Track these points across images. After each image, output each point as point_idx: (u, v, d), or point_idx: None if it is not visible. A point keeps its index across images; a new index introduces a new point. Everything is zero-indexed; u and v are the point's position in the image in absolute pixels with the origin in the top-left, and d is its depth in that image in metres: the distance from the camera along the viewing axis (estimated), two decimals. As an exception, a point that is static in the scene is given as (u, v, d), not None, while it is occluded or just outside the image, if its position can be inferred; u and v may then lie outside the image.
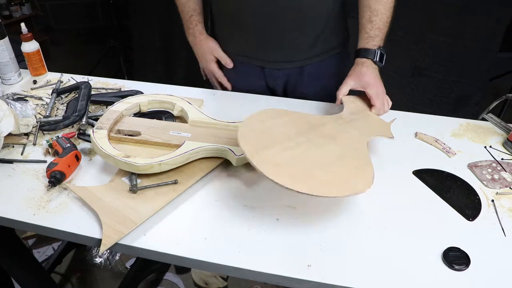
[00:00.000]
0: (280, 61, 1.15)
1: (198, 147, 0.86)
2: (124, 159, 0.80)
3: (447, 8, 1.90)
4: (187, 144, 0.86)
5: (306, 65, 1.15)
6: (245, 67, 1.18)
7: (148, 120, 0.96)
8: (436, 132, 1.01)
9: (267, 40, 1.10)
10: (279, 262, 0.69)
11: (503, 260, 0.70)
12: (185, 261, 0.71)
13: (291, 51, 1.13)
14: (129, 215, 0.75)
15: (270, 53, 1.13)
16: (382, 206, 0.81)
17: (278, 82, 1.20)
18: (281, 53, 1.13)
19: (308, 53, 1.14)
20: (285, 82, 1.20)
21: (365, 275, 0.68)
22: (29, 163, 0.90)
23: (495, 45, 1.95)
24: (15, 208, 0.79)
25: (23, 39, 1.20)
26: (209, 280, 1.64)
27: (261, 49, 1.13)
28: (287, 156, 0.76)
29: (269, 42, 1.11)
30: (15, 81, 1.22)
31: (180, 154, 0.83)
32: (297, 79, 1.18)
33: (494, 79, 2.38)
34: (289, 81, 1.19)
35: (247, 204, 0.80)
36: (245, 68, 1.18)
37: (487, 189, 0.85)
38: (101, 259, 1.74)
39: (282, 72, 1.17)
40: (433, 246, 0.72)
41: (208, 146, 0.87)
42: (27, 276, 1.28)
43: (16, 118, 0.94)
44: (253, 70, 1.18)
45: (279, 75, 1.18)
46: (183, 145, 0.86)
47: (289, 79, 1.19)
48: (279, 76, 1.18)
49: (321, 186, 0.71)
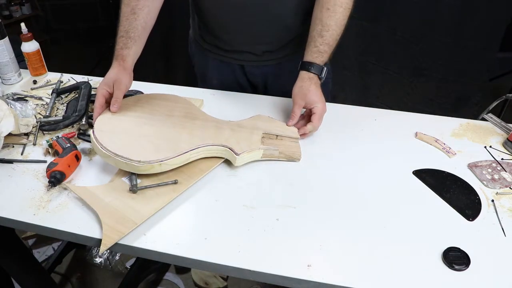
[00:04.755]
0: (256, 60, 1.17)
1: (199, 147, 0.86)
2: (124, 159, 0.80)
3: (447, 8, 1.90)
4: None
5: (284, 62, 1.17)
6: (226, 65, 1.20)
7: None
8: (436, 132, 1.01)
9: (243, 38, 1.12)
10: (279, 262, 0.69)
11: (503, 260, 0.70)
12: (185, 261, 0.71)
13: (266, 49, 1.14)
14: (129, 215, 0.75)
15: (247, 51, 1.15)
16: (382, 206, 0.81)
17: (258, 79, 1.22)
18: (257, 51, 1.14)
19: (285, 50, 1.15)
20: (264, 79, 1.22)
21: (365, 275, 0.68)
22: (29, 163, 0.90)
23: (495, 45, 1.95)
24: (15, 208, 0.79)
25: (23, 39, 1.20)
26: (209, 280, 1.64)
27: (237, 48, 1.15)
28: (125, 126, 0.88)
29: (244, 41, 1.12)
30: (15, 81, 1.22)
31: (181, 153, 0.83)
32: (276, 76, 1.21)
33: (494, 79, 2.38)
34: (268, 78, 1.22)
35: (247, 204, 0.80)
36: (226, 66, 1.20)
37: (487, 189, 0.85)
38: (101, 259, 1.74)
39: (260, 70, 1.20)
40: (433, 246, 0.72)
41: (208, 146, 0.87)
42: (27, 276, 1.28)
43: (16, 118, 0.94)
44: (234, 68, 1.20)
45: (258, 73, 1.21)
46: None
47: (268, 76, 1.22)
48: (258, 73, 1.21)
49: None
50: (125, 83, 0.94)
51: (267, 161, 0.91)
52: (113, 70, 0.96)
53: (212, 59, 1.21)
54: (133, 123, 0.91)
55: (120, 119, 0.92)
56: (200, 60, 1.27)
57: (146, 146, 0.84)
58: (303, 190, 0.84)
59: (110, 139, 0.84)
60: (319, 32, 0.97)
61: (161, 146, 0.85)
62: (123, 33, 0.97)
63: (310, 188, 0.85)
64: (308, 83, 0.97)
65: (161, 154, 0.82)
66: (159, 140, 0.87)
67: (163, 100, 1.01)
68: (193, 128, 0.92)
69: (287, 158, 0.91)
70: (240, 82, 1.24)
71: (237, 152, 0.86)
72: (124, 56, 0.96)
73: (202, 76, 1.29)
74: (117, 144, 0.83)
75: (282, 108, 1.09)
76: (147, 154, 0.81)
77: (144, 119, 0.93)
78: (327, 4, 0.97)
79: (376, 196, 0.83)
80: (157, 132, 0.89)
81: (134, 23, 0.96)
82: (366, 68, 2.22)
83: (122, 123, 0.91)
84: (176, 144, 0.86)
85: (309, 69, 0.98)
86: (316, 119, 0.96)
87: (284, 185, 0.85)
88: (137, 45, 0.98)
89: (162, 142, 0.86)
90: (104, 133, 0.86)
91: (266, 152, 0.90)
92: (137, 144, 0.85)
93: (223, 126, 0.95)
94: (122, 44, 0.96)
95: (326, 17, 0.97)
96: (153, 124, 0.92)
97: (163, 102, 1.00)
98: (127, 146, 0.83)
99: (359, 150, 0.96)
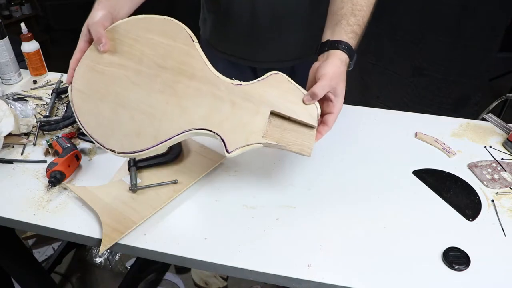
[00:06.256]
0: (269, 61, 1.15)
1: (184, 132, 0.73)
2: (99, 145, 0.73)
3: (447, 8, 1.90)
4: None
5: (297, 65, 1.16)
6: (237, 67, 1.19)
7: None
8: (436, 132, 1.01)
9: (256, 40, 1.10)
10: (279, 262, 0.69)
11: (503, 260, 0.70)
12: (185, 261, 0.71)
13: (280, 52, 1.13)
14: (129, 215, 0.75)
15: (259, 53, 1.14)
16: (382, 206, 0.81)
17: None
18: (270, 53, 1.13)
19: (298, 53, 1.14)
20: None
21: (365, 275, 0.68)
22: (29, 163, 0.90)
23: (495, 45, 1.95)
24: (15, 208, 0.79)
25: (23, 39, 1.20)
26: (209, 280, 1.64)
27: (250, 50, 1.13)
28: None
29: (257, 43, 1.11)
30: (15, 81, 1.22)
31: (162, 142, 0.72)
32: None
33: (494, 79, 2.39)
34: None
35: (247, 204, 0.80)
36: (237, 68, 1.19)
37: (487, 189, 0.85)
38: (101, 259, 1.74)
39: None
40: (433, 246, 0.72)
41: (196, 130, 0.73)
42: (27, 276, 1.28)
43: (16, 118, 0.94)
44: (244, 69, 1.19)
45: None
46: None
47: None
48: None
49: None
50: (99, 17, 0.76)
51: (267, 161, 0.91)
52: (93, 11, 0.78)
53: (221, 59, 1.19)
54: (116, 80, 0.75)
55: (102, 71, 0.75)
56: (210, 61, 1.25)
57: (127, 126, 0.73)
58: (303, 190, 0.84)
59: (88, 108, 0.73)
60: (351, 11, 0.79)
61: (142, 126, 0.73)
62: None
63: (310, 188, 0.85)
64: (344, 68, 0.75)
65: (141, 139, 0.72)
66: (142, 115, 0.73)
67: (157, 35, 0.77)
68: (185, 95, 0.74)
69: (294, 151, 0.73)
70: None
71: (229, 149, 0.71)
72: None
73: None
74: (95, 118, 0.73)
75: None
76: (125, 139, 0.72)
77: (130, 71, 0.75)
78: None
79: (376, 196, 0.83)
80: (142, 100, 0.74)
81: None
82: (366, 68, 2.22)
83: (104, 79, 0.75)
84: (160, 122, 0.73)
85: (344, 48, 0.75)
86: (332, 120, 0.75)
87: (284, 185, 0.85)
88: None
89: (144, 120, 0.73)
90: (82, 95, 0.74)
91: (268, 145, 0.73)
92: (117, 121, 0.73)
93: (223, 95, 0.74)
94: None
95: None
96: (139, 84, 0.75)
97: (157, 38, 0.77)
98: (106, 123, 0.73)
99: (359, 150, 0.96)
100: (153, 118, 0.73)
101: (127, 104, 0.74)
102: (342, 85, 0.74)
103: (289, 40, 1.10)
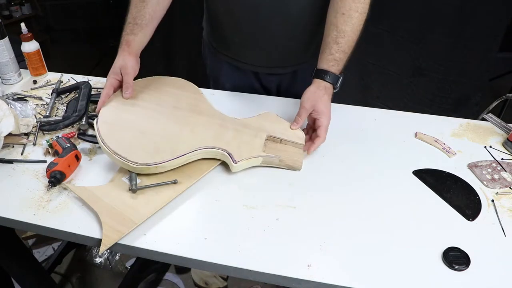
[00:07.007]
0: (272, 66, 1.16)
1: (198, 149, 0.85)
2: (122, 158, 0.80)
3: (447, 8, 1.90)
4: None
5: (299, 70, 1.17)
6: (240, 71, 1.19)
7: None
8: (436, 132, 1.01)
9: (258, 46, 1.11)
10: (279, 262, 0.69)
11: (503, 260, 0.70)
12: (185, 261, 0.71)
13: (281, 57, 1.13)
14: (129, 215, 0.75)
15: (262, 59, 1.14)
16: (382, 206, 0.81)
17: (272, 84, 1.22)
18: (273, 58, 1.14)
19: (300, 58, 1.15)
20: (278, 84, 1.22)
21: (365, 275, 0.68)
22: (29, 163, 0.90)
23: (495, 45, 1.95)
24: (15, 208, 0.79)
25: (23, 39, 1.20)
26: (209, 280, 1.64)
27: (252, 55, 1.14)
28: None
29: (259, 49, 1.11)
30: (15, 81, 1.22)
31: (179, 156, 0.83)
32: (290, 82, 1.20)
33: (494, 79, 2.38)
34: (282, 84, 1.22)
35: (247, 204, 0.80)
36: (240, 72, 1.20)
37: (487, 189, 0.85)
38: (101, 259, 1.74)
39: (275, 77, 1.19)
40: (433, 246, 0.72)
41: (207, 149, 0.87)
42: (27, 276, 1.28)
43: (16, 118, 0.94)
44: (247, 73, 1.20)
45: (272, 79, 1.20)
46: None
47: (282, 83, 1.21)
48: (273, 79, 1.20)
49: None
50: (132, 65, 0.94)
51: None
52: (119, 57, 0.95)
53: (224, 62, 1.20)
54: (138, 115, 0.92)
55: (126, 109, 0.92)
56: (212, 63, 1.25)
57: (147, 146, 0.84)
58: (303, 190, 0.84)
59: (112, 135, 0.84)
60: (334, 39, 0.91)
61: (161, 146, 0.84)
62: (130, 20, 0.97)
63: (310, 188, 0.85)
64: (323, 92, 0.91)
65: (160, 155, 0.82)
66: (160, 139, 0.86)
67: (172, 87, 1.01)
68: (196, 125, 0.91)
69: (287, 167, 0.89)
70: (254, 88, 1.23)
71: (236, 159, 0.85)
72: (130, 41, 0.96)
73: (215, 80, 1.27)
74: (118, 141, 0.83)
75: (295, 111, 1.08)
76: (145, 155, 0.82)
77: (150, 110, 0.93)
78: (342, 8, 0.90)
79: (376, 196, 0.83)
80: (160, 128, 0.89)
81: (143, 11, 0.96)
82: (366, 68, 2.22)
83: (127, 115, 0.91)
84: (176, 144, 0.85)
85: (324, 77, 0.92)
86: (323, 132, 0.90)
87: (284, 185, 0.85)
88: (144, 33, 0.97)
89: (162, 142, 0.86)
90: (107, 126, 0.87)
91: (266, 159, 0.88)
92: (138, 142, 0.85)
93: (227, 125, 0.93)
94: (129, 30, 0.96)
95: (342, 22, 0.91)
96: (158, 119, 0.92)
97: (171, 89, 1.00)
98: (128, 144, 0.83)
99: (359, 150, 0.96)
100: (169, 140, 0.87)
101: (147, 131, 0.88)
102: (320, 104, 0.90)
103: (290, 46, 1.11)
